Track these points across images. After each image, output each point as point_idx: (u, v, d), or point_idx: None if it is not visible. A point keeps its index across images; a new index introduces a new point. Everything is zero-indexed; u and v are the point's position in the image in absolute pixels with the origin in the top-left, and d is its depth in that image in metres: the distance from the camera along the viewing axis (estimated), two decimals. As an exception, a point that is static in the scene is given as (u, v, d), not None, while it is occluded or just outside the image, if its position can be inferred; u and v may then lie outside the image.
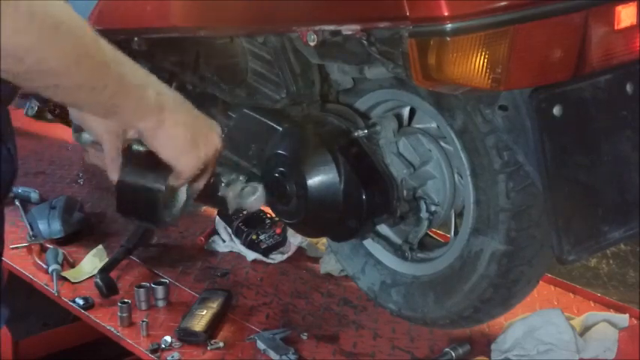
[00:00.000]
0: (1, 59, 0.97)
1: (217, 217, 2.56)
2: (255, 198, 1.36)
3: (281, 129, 1.98)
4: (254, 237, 2.47)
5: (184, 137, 1.19)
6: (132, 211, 1.27)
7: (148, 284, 2.22)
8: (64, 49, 1.02)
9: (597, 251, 1.66)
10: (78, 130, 2.70)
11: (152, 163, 1.20)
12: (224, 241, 2.53)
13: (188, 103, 1.22)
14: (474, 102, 1.65)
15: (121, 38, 2.28)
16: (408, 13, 1.46)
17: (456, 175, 1.86)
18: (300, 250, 2.50)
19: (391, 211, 1.87)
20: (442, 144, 1.86)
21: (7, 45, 0.97)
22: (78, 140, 1.52)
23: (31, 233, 2.53)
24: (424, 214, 1.91)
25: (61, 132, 3.25)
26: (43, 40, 0.99)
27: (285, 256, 2.47)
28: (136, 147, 1.22)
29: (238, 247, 2.49)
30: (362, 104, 1.94)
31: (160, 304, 2.20)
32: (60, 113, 2.85)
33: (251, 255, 2.46)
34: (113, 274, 2.31)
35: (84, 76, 1.05)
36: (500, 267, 1.75)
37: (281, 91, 1.96)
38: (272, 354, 1.97)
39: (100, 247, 2.48)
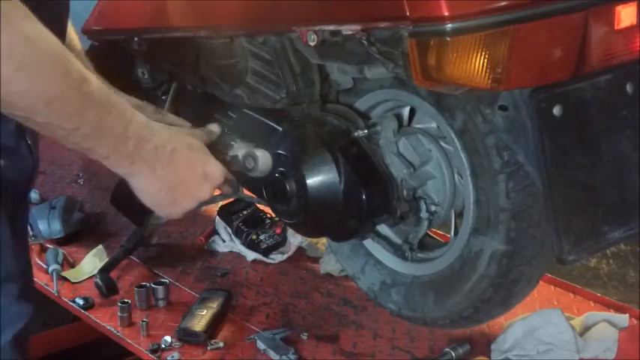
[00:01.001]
0: None
1: (217, 217, 2.56)
2: (262, 161, 1.36)
3: (281, 129, 1.98)
4: (254, 237, 2.47)
5: (157, 193, 1.18)
6: (124, 209, 1.27)
7: (148, 284, 2.22)
8: (35, 87, 1.00)
9: (597, 251, 1.66)
10: None
11: None
12: (224, 241, 2.53)
13: (175, 149, 1.18)
14: (474, 102, 1.65)
15: (121, 38, 2.28)
16: (408, 13, 1.46)
17: (456, 175, 1.86)
18: (300, 250, 2.50)
19: (391, 211, 1.87)
20: (442, 144, 1.86)
21: None
22: None
23: (31, 233, 2.53)
24: (424, 214, 1.91)
25: (61, 132, 3.24)
26: (16, 75, 0.98)
27: (285, 256, 2.47)
28: None
29: (238, 247, 2.49)
30: (362, 104, 1.94)
31: (160, 304, 2.20)
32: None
33: (251, 255, 2.46)
34: (113, 274, 2.31)
35: (53, 117, 1.04)
36: (500, 267, 1.75)
37: (281, 91, 1.96)
38: (272, 354, 1.97)
39: (100, 247, 2.48)
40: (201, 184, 1.23)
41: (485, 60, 1.44)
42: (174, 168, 1.19)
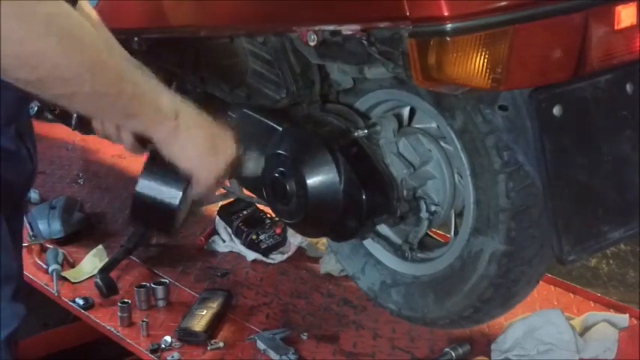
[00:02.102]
0: (9, 66, 0.97)
1: (217, 217, 2.56)
2: (254, 162, 1.38)
3: (281, 129, 1.98)
4: (254, 237, 2.47)
5: (202, 143, 1.19)
6: (146, 221, 1.28)
7: (148, 284, 2.22)
8: (78, 56, 1.02)
9: (597, 251, 1.66)
10: (77, 127, 2.70)
11: (171, 174, 1.20)
12: (224, 241, 2.53)
13: (201, 111, 1.21)
14: (474, 102, 1.65)
15: (121, 38, 2.28)
16: (408, 13, 1.46)
17: (456, 175, 1.86)
18: (300, 250, 2.50)
19: (391, 211, 1.87)
20: (442, 144, 1.86)
21: (22, 52, 0.97)
22: None
23: (31, 233, 2.53)
24: (424, 214, 1.91)
25: (61, 132, 3.25)
26: (59, 48, 0.99)
27: (285, 256, 2.47)
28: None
29: (238, 247, 2.49)
30: (362, 104, 1.94)
31: (160, 304, 2.20)
32: (60, 113, 2.85)
33: (251, 255, 2.46)
34: (113, 274, 2.31)
35: (98, 84, 1.05)
36: (500, 267, 1.75)
37: (281, 91, 1.96)
38: (272, 354, 1.97)
39: (100, 247, 2.48)
40: (227, 140, 1.24)
41: (485, 60, 1.44)
42: (204, 122, 1.20)
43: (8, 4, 0.95)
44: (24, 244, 2.46)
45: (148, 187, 1.21)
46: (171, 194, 1.20)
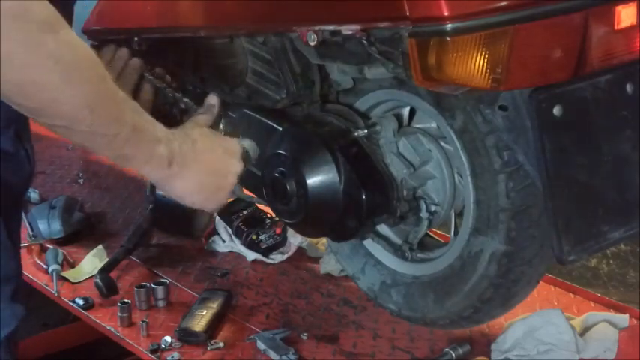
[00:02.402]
0: (8, 91, 0.96)
1: (217, 217, 2.56)
2: (249, 150, 1.40)
3: (281, 129, 1.98)
4: (254, 237, 2.47)
5: (199, 187, 1.19)
6: (171, 227, 1.29)
7: (148, 284, 2.22)
8: (80, 95, 1.00)
9: (597, 251, 1.66)
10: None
11: None
12: (224, 241, 2.53)
13: (195, 139, 1.20)
14: (474, 102, 1.65)
15: (121, 38, 2.28)
16: (408, 13, 1.46)
17: (456, 175, 1.86)
18: (300, 250, 2.50)
19: (391, 211, 1.87)
20: (442, 144, 1.86)
21: (22, 79, 0.96)
22: None
23: (31, 233, 2.53)
24: (424, 214, 1.91)
25: (61, 132, 3.24)
26: (61, 83, 0.98)
27: (285, 256, 2.47)
28: None
29: (238, 247, 2.49)
30: (362, 104, 1.94)
31: (160, 304, 2.20)
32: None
33: (251, 255, 2.46)
34: (113, 274, 2.31)
35: (96, 124, 1.04)
36: (501, 267, 1.75)
37: (281, 91, 1.96)
38: (272, 354, 1.97)
39: (100, 247, 2.48)
40: (228, 161, 1.25)
41: (485, 60, 1.44)
42: (202, 157, 1.20)
43: (20, 29, 0.94)
44: (24, 244, 2.47)
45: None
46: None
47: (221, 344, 2.02)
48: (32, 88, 0.97)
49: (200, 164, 1.20)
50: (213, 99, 1.40)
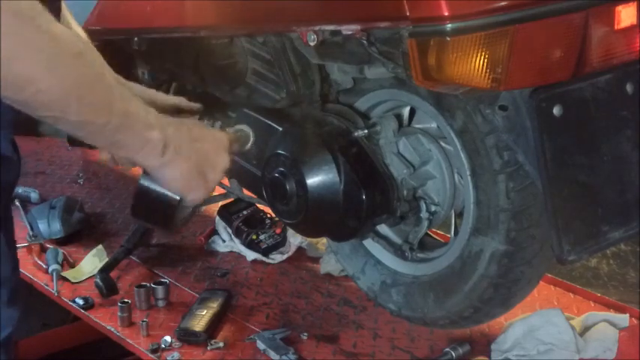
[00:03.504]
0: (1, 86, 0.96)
1: (217, 217, 2.56)
2: (243, 137, 1.41)
3: (281, 129, 1.98)
4: (254, 237, 2.47)
5: (189, 175, 1.19)
6: (147, 216, 1.28)
7: (148, 284, 2.22)
8: (66, 85, 1.01)
9: (597, 251, 1.66)
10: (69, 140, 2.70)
11: None
12: (224, 241, 2.53)
13: (196, 134, 1.20)
14: (474, 102, 1.65)
15: (121, 38, 2.28)
16: (408, 13, 1.46)
17: (456, 175, 1.86)
18: (300, 250, 2.50)
19: (391, 211, 1.87)
20: (442, 144, 1.86)
21: (8, 72, 0.96)
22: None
23: (31, 233, 2.53)
24: (424, 214, 1.91)
25: (61, 132, 3.25)
26: (47, 75, 0.98)
27: (285, 256, 2.47)
28: None
29: (238, 247, 2.49)
30: (362, 104, 1.94)
31: (160, 304, 2.20)
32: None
33: (251, 255, 2.46)
34: (113, 274, 2.31)
35: (85, 112, 1.04)
36: (501, 267, 1.75)
37: (281, 91, 1.96)
38: (272, 354, 1.97)
39: (100, 247, 2.48)
40: (218, 152, 1.24)
41: (485, 60, 1.44)
42: (195, 145, 1.20)
43: (8, 21, 0.94)
44: (24, 245, 2.47)
45: (151, 181, 1.22)
46: (172, 195, 1.21)
47: (221, 344, 2.02)
48: (17, 81, 0.97)
49: (194, 152, 1.19)
50: (196, 106, 1.41)
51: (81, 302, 2.22)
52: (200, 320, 2.06)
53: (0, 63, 0.95)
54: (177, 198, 1.21)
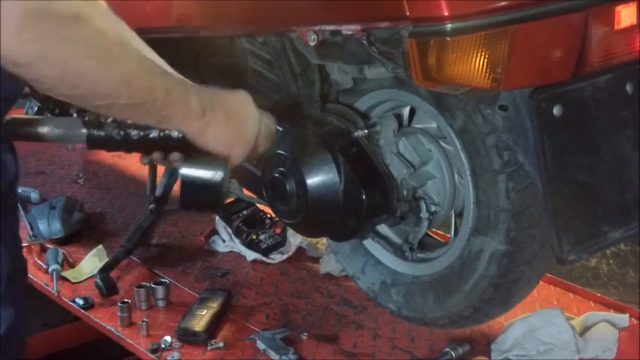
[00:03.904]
0: (52, 85, 1.04)
1: (217, 217, 2.56)
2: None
3: (281, 129, 1.98)
4: (254, 237, 2.47)
5: (230, 131, 1.27)
6: (196, 202, 1.34)
7: (148, 284, 2.22)
8: (116, 74, 1.09)
9: (597, 251, 1.66)
10: None
11: (208, 155, 1.27)
12: (224, 241, 2.53)
13: (223, 93, 1.28)
14: (474, 102, 1.65)
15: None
16: (408, 13, 1.46)
17: (456, 175, 1.86)
18: (300, 250, 2.50)
19: (391, 211, 1.87)
20: (442, 144, 1.86)
21: (64, 73, 1.04)
22: None
23: (31, 233, 2.53)
24: (424, 214, 1.91)
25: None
26: (98, 68, 1.06)
27: (285, 256, 2.47)
28: None
29: (238, 247, 2.49)
30: (362, 104, 1.94)
31: (160, 304, 2.20)
32: (60, 113, 2.85)
33: (251, 255, 2.46)
34: (113, 274, 2.31)
35: (134, 95, 1.12)
36: (500, 267, 1.75)
37: (281, 91, 1.96)
38: (272, 354, 1.97)
39: (100, 247, 2.48)
40: (247, 108, 1.34)
41: (486, 60, 1.44)
42: (231, 106, 1.28)
43: (47, 27, 1.00)
44: (24, 245, 2.46)
45: (191, 167, 1.29)
46: (215, 172, 1.28)
47: (221, 344, 2.02)
48: (73, 79, 1.05)
49: (231, 112, 1.27)
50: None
51: (81, 302, 2.22)
52: (200, 320, 2.06)
53: (53, 66, 1.02)
54: (222, 173, 1.28)
